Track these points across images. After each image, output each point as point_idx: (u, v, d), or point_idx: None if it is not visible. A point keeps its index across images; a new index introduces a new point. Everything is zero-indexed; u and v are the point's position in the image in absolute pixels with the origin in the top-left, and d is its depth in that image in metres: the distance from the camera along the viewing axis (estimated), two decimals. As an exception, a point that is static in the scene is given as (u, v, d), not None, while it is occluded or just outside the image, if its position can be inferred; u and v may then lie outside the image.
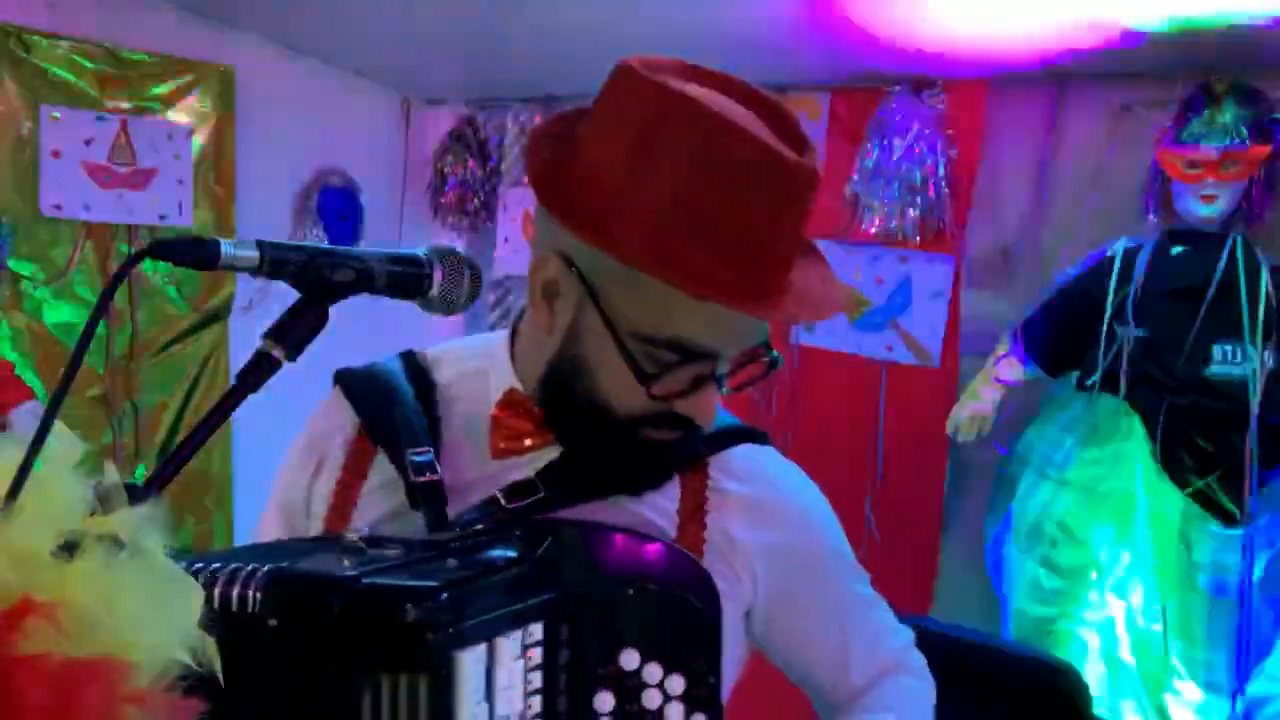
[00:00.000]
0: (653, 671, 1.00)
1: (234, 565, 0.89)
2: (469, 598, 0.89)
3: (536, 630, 0.94)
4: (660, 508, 1.10)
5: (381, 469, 1.13)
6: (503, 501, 1.06)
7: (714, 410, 1.06)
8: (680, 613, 1.00)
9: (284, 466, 1.23)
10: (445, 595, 0.86)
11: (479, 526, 1.03)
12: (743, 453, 1.16)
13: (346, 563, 0.90)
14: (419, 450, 1.08)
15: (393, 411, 1.12)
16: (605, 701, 1.00)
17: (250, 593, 0.86)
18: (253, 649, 0.84)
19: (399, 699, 0.83)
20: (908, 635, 1.26)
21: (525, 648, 0.93)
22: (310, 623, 0.85)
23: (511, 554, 0.97)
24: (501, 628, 0.90)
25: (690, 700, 1.00)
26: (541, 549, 0.99)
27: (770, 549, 1.13)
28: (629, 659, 1.00)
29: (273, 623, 0.85)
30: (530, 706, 0.94)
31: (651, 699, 0.99)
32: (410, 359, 1.19)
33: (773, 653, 1.20)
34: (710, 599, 1.01)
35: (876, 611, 1.24)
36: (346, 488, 1.14)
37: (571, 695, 0.98)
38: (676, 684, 1.00)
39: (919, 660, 1.25)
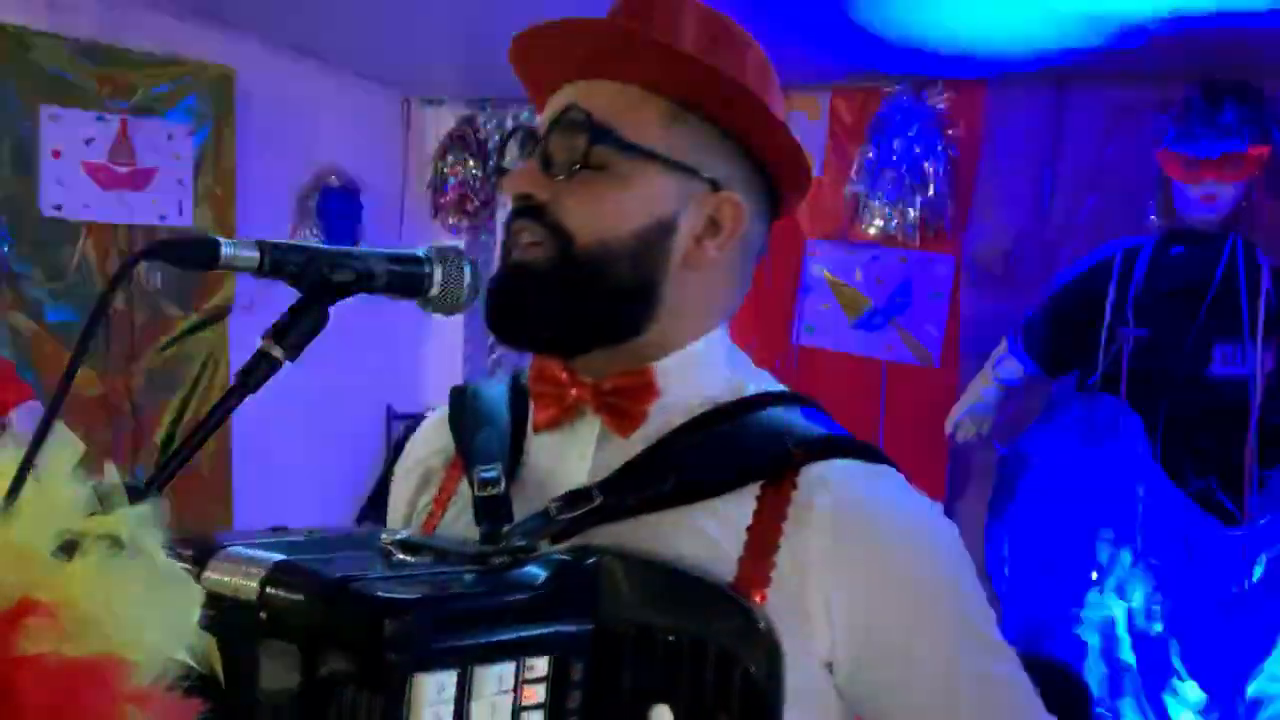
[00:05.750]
0: None
1: (248, 554, 0.88)
2: (447, 616, 0.83)
3: (539, 665, 0.84)
4: (729, 521, 0.95)
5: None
6: (552, 513, 0.96)
7: None
8: (725, 673, 0.86)
9: (394, 483, 1.22)
10: (412, 610, 0.80)
11: (522, 543, 0.94)
12: (844, 466, 0.98)
13: (362, 566, 0.86)
14: (488, 467, 1.05)
15: (478, 434, 1.10)
16: None
17: (248, 583, 0.85)
18: (247, 640, 0.82)
19: (352, 712, 0.79)
20: None
21: (522, 683, 0.83)
22: (290, 620, 0.82)
23: (539, 577, 0.88)
24: (486, 656, 0.82)
25: None
26: (575, 576, 0.89)
27: (852, 583, 0.94)
28: (661, 717, 0.87)
29: (262, 615, 0.83)
30: None
31: None
32: (516, 377, 1.15)
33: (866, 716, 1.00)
34: (767, 660, 0.86)
35: (1010, 698, 0.99)
36: (441, 505, 1.13)
37: None
38: None
39: None
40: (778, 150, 1.05)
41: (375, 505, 4.85)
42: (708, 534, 0.94)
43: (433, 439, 1.19)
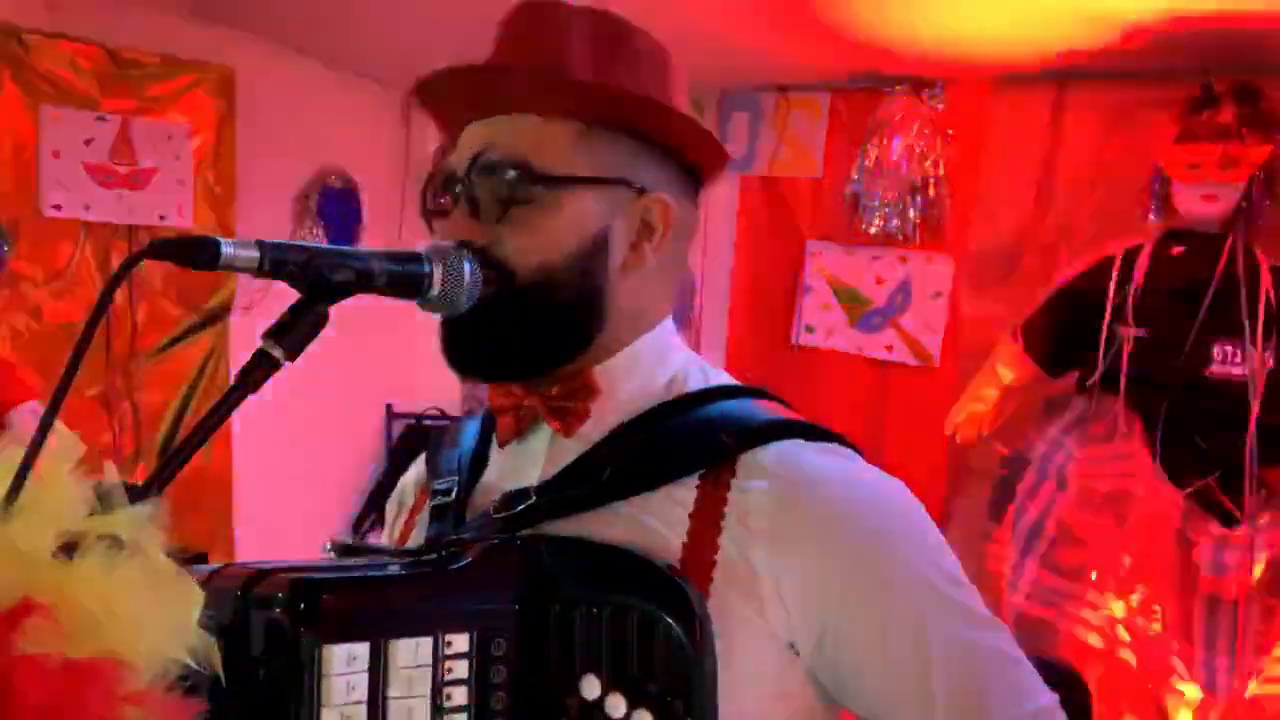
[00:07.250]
0: (616, 704, 0.88)
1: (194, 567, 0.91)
2: (356, 591, 0.86)
3: (459, 641, 0.86)
4: (669, 512, 0.97)
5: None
6: (492, 514, 1.00)
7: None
8: (650, 638, 0.88)
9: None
10: (318, 585, 0.83)
11: (458, 537, 0.97)
12: (781, 448, 0.98)
13: (294, 563, 0.90)
14: (442, 481, 1.11)
15: (444, 455, 1.16)
16: None
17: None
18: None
19: (269, 687, 0.82)
20: (1047, 699, 0.99)
21: (443, 658, 0.86)
22: (227, 608, 0.86)
23: (460, 561, 0.90)
24: (398, 629, 0.84)
25: None
26: (496, 557, 0.91)
27: (800, 561, 0.94)
28: (589, 687, 0.89)
29: (209, 611, 0.86)
30: None
31: None
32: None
33: (849, 706, 1.00)
34: (693, 624, 0.88)
35: (995, 666, 0.97)
36: (410, 524, 1.18)
37: None
38: None
39: None
40: (688, 139, 1.07)
41: (376, 505, 4.85)
42: (646, 525, 0.96)
43: (415, 471, 1.24)
